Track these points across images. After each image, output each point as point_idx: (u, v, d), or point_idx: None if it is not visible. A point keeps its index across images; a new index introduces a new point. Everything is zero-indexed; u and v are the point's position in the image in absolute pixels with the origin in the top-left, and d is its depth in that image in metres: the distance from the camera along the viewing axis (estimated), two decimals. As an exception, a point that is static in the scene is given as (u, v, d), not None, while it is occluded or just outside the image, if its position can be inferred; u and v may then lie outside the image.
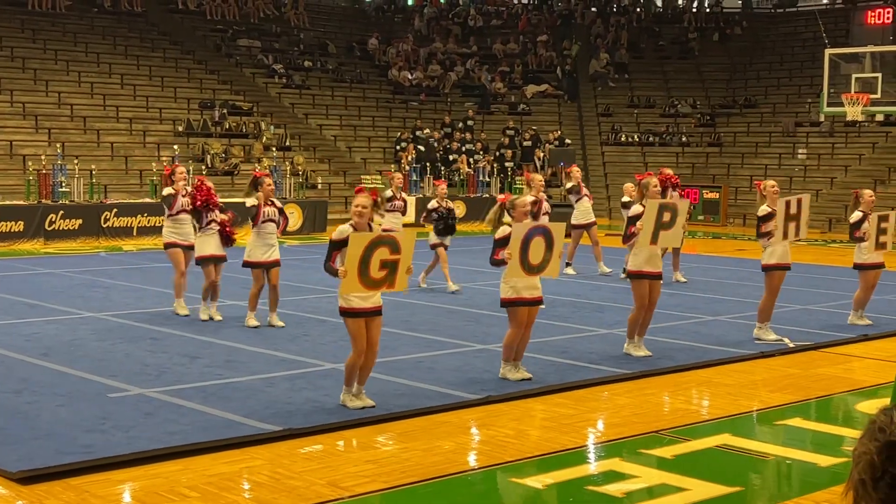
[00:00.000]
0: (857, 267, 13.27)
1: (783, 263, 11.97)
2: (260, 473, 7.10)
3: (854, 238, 13.14)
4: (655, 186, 11.18)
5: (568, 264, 17.75)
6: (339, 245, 8.55)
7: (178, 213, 12.97)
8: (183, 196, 12.90)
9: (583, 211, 17.98)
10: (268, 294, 12.41)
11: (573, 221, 17.92)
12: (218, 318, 12.66)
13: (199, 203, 12.53)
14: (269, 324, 12.38)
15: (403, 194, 16.74)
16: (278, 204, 12.55)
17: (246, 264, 12.29)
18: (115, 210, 22.60)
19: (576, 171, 18.62)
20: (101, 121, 28.44)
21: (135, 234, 22.63)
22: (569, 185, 18.30)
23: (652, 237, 10.76)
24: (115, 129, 28.41)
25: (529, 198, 10.53)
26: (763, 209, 11.94)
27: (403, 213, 16.71)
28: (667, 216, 10.83)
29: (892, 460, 2.02)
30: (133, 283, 16.09)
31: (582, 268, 18.00)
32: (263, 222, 12.21)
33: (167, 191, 13.28)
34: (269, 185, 12.54)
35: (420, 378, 9.80)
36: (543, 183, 15.44)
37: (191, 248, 12.93)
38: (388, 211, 15.64)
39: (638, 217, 10.89)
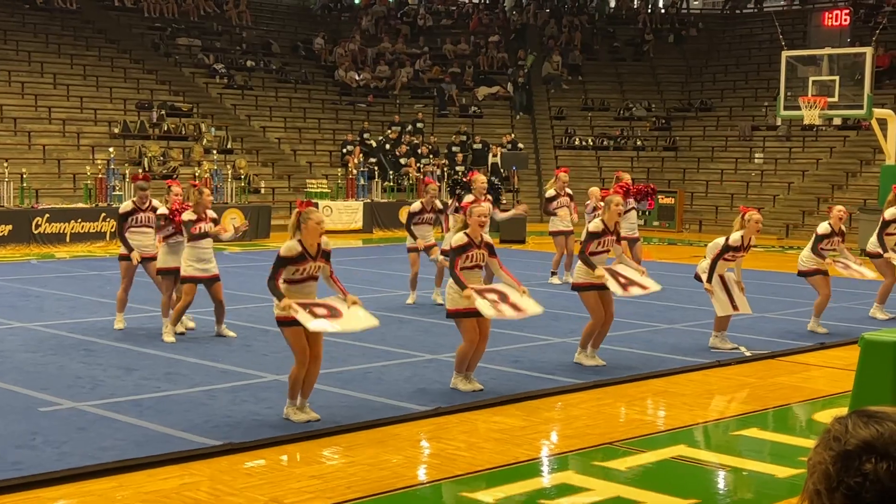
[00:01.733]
0: (802, 274, 13.59)
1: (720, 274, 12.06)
2: (199, 490, 7.03)
3: (816, 253, 13.43)
4: (618, 205, 11.22)
5: (553, 273, 17.77)
6: (286, 262, 8.50)
7: (137, 226, 12.71)
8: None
9: (563, 217, 17.59)
10: (214, 310, 12.37)
11: (551, 228, 17.80)
12: (191, 325, 12.71)
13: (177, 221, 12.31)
14: (217, 334, 12.33)
15: (437, 202, 15.60)
16: (213, 215, 12.44)
17: (182, 280, 12.17)
18: (46, 216, 22.32)
19: (562, 175, 17.95)
20: (32, 122, 28.09)
21: (68, 240, 22.36)
22: (550, 192, 17.79)
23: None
24: (47, 130, 28.08)
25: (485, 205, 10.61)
26: (736, 238, 11.83)
27: (434, 224, 15.68)
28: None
29: (848, 470, 2.03)
30: (66, 293, 15.89)
31: (539, 276, 18.04)
32: (199, 237, 12.10)
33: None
34: (209, 195, 12.41)
35: (368, 389, 9.77)
36: (486, 185, 15.33)
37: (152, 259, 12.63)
38: (415, 224, 15.33)
39: (597, 234, 10.98)
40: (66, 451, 7.62)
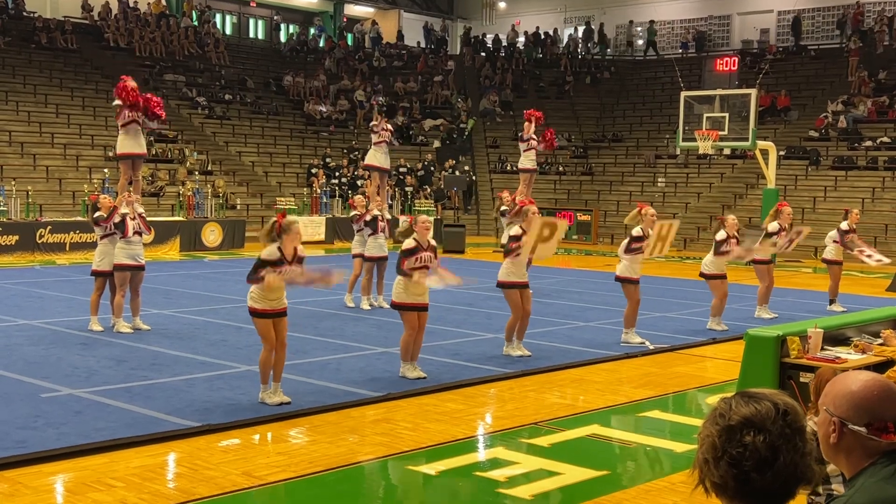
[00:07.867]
0: (703, 276, 13.73)
1: (633, 277, 12.14)
2: (180, 465, 6.95)
3: (719, 253, 13.60)
4: (534, 213, 11.31)
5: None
6: (266, 264, 8.43)
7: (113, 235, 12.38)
8: (132, 219, 12.41)
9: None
10: (130, 300, 12.24)
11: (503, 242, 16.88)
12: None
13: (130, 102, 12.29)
14: (134, 327, 12.15)
15: (383, 213, 14.97)
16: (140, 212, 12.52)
17: (119, 267, 12.03)
18: (49, 227, 21.97)
19: (506, 195, 16.90)
20: (37, 146, 27.60)
21: (67, 249, 22.01)
22: (502, 207, 16.62)
23: (532, 250, 10.98)
24: (50, 153, 27.61)
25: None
26: (637, 230, 12.10)
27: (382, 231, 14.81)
28: (546, 231, 11.00)
29: (731, 442, 2.07)
30: (65, 294, 15.63)
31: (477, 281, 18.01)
32: (135, 233, 12.18)
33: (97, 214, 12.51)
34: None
35: (328, 378, 9.72)
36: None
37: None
38: (371, 235, 15.02)
39: (518, 237, 11.06)
40: (65, 431, 7.49)
